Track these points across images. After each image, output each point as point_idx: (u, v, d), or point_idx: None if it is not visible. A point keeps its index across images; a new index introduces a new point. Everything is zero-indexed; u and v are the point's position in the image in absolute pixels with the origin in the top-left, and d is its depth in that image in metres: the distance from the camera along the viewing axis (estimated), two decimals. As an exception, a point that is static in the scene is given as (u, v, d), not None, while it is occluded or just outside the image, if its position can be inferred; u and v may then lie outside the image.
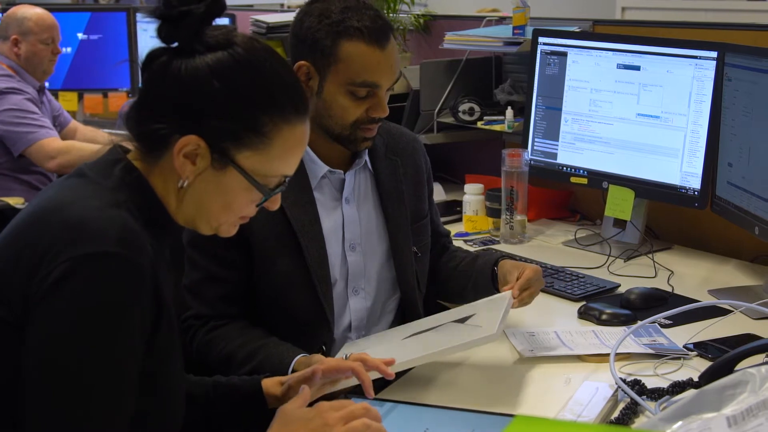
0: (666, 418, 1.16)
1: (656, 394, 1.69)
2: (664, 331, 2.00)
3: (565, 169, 2.76)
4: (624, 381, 1.71)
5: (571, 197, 3.04)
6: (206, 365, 1.83)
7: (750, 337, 1.95)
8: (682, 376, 1.74)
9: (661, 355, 1.87)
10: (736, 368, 1.56)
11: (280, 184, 1.40)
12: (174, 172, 1.34)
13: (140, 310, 1.26)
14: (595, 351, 1.89)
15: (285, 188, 1.41)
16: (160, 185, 1.37)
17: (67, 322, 1.21)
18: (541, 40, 2.80)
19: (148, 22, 1.36)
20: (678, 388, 1.69)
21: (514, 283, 1.93)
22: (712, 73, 2.42)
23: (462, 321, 1.85)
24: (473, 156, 3.37)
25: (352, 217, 1.99)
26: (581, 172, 2.72)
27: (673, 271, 2.45)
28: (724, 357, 1.61)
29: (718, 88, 2.40)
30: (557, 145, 2.77)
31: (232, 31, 1.37)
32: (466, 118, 3.12)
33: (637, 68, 2.58)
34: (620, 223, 2.67)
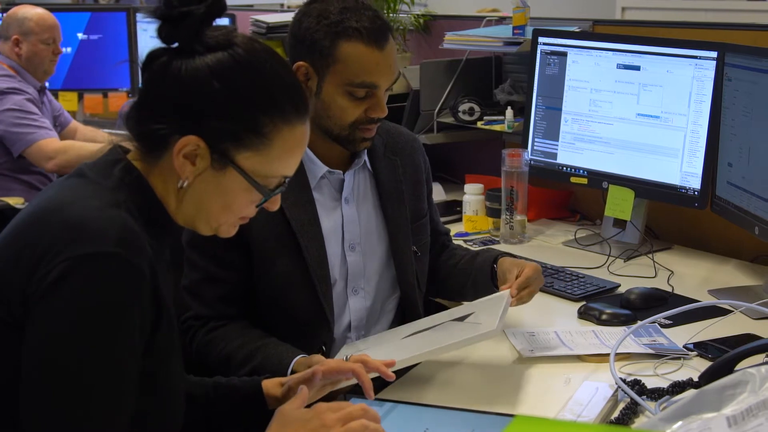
0: (666, 418, 1.16)
1: (656, 394, 1.69)
2: (664, 331, 2.00)
3: (565, 169, 2.76)
4: (624, 381, 1.71)
5: (571, 197, 3.04)
6: (206, 366, 1.83)
7: (750, 337, 1.95)
8: (682, 376, 1.74)
9: (661, 355, 1.87)
10: (736, 368, 1.56)
11: (279, 185, 1.40)
12: (174, 173, 1.35)
13: (140, 310, 1.27)
14: (595, 351, 1.89)
15: (285, 189, 1.41)
16: (160, 185, 1.37)
17: (66, 321, 1.21)
18: (541, 40, 2.80)
19: (148, 22, 1.36)
20: (678, 388, 1.69)
21: (513, 282, 1.93)
22: (712, 73, 2.42)
23: (461, 319, 1.85)
24: (473, 156, 3.37)
25: (351, 217, 1.99)
26: (581, 172, 2.72)
27: (673, 271, 2.45)
28: (724, 357, 1.61)
29: (718, 88, 2.40)
30: (557, 145, 2.77)
31: (232, 32, 1.37)
32: (466, 118, 3.12)
33: (637, 68, 2.58)
34: (620, 223, 2.67)
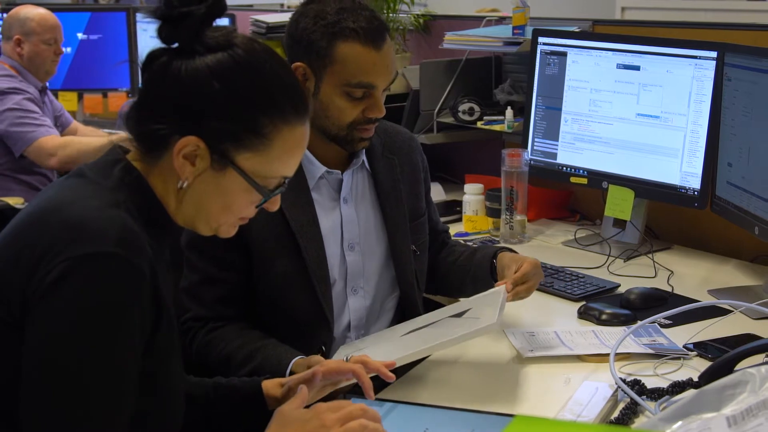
0: (666, 418, 1.16)
1: (656, 394, 1.69)
2: (664, 331, 2.00)
3: (565, 169, 2.76)
4: (624, 381, 1.71)
5: (571, 197, 3.04)
6: (206, 367, 1.83)
7: (750, 337, 1.95)
8: (681, 376, 1.74)
9: (660, 355, 1.87)
10: (736, 368, 1.56)
11: (279, 186, 1.40)
12: (174, 173, 1.34)
13: (139, 311, 1.26)
14: (595, 351, 1.89)
15: (285, 189, 1.41)
16: (160, 186, 1.37)
17: (66, 321, 1.21)
18: (541, 40, 2.80)
19: (148, 22, 1.36)
20: (678, 388, 1.69)
21: (509, 278, 1.93)
22: (712, 73, 2.42)
23: (459, 315, 1.85)
24: (473, 156, 3.37)
25: (350, 216, 1.99)
26: (581, 172, 2.72)
27: (673, 271, 2.45)
28: (724, 357, 1.61)
29: (718, 88, 2.40)
30: (557, 145, 2.77)
31: (232, 32, 1.37)
32: (466, 118, 3.12)
33: (637, 68, 2.58)
34: (620, 223, 2.67)
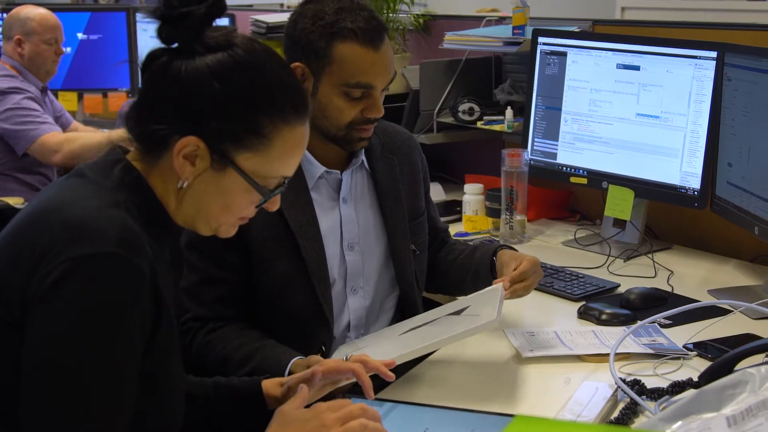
0: (666, 418, 1.16)
1: (656, 394, 1.69)
2: (664, 331, 2.00)
3: (564, 169, 2.76)
4: (624, 381, 1.71)
5: (571, 197, 3.04)
6: (205, 367, 1.83)
7: (750, 337, 1.95)
8: (681, 376, 1.74)
9: (660, 355, 1.87)
10: (736, 368, 1.56)
11: (279, 185, 1.40)
12: (174, 173, 1.34)
13: (140, 311, 1.26)
14: (595, 351, 1.89)
15: (284, 189, 1.41)
16: (160, 186, 1.37)
17: (66, 322, 1.21)
18: (541, 40, 2.80)
19: (148, 22, 1.36)
20: (678, 388, 1.69)
21: (508, 275, 1.93)
22: (712, 73, 2.42)
23: (458, 313, 1.85)
24: (473, 156, 3.37)
25: (349, 216, 1.99)
26: (581, 172, 2.72)
27: (673, 271, 2.45)
28: (724, 357, 1.61)
29: (718, 88, 2.40)
30: (557, 145, 2.77)
31: (232, 32, 1.37)
32: (466, 118, 3.12)
33: (637, 68, 2.58)
34: (620, 223, 2.67)
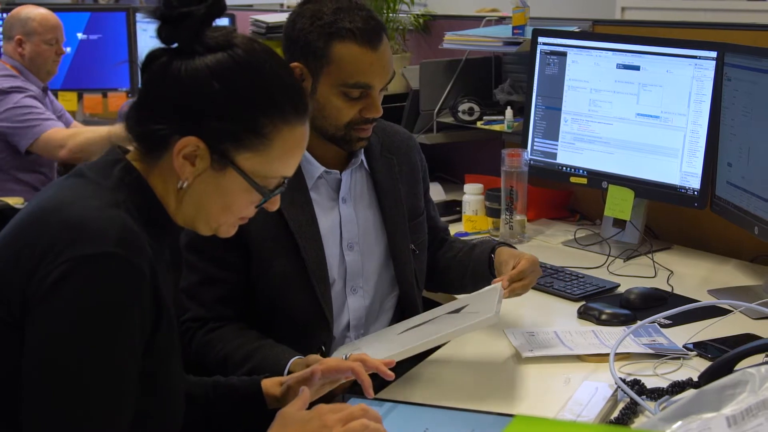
0: (666, 418, 1.16)
1: (656, 394, 1.69)
2: (664, 331, 2.00)
3: (564, 169, 2.76)
4: (623, 381, 1.71)
5: (571, 197, 3.04)
6: (204, 367, 1.83)
7: (749, 337, 1.95)
8: (681, 376, 1.75)
9: (660, 355, 1.87)
10: (736, 368, 1.56)
11: (279, 185, 1.40)
12: (173, 173, 1.34)
13: (140, 311, 1.27)
14: (595, 351, 1.89)
15: (284, 189, 1.42)
16: (160, 186, 1.37)
17: (66, 322, 1.21)
18: (541, 40, 2.80)
19: (148, 22, 1.36)
20: (678, 388, 1.69)
21: (506, 274, 1.93)
22: (712, 73, 2.42)
23: (457, 311, 1.85)
24: (473, 156, 3.37)
25: (349, 216, 1.99)
26: (581, 172, 2.72)
27: (673, 271, 2.45)
28: (724, 357, 1.61)
29: (718, 88, 2.40)
30: (557, 145, 2.77)
31: (231, 33, 1.37)
32: (466, 118, 3.12)
33: (637, 68, 2.58)
34: (620, 223, 2.67)
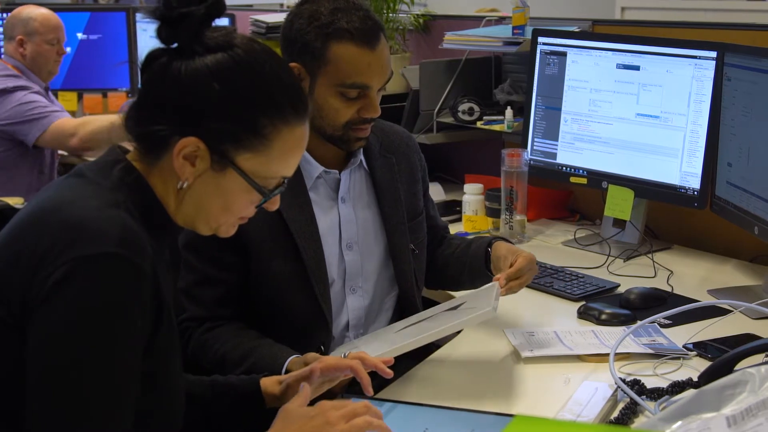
0: (665, 418, 1.16)
1: (656, 394, 1.69)
2: (664, 331, 2.00)
3: (564, 169, 2.76)
4: (623, 381, 1.71)
5: (571, 197, 3.04)
6: (202, 366, 1.83)
7: (749, 337, 1.95)
8: (681, 376, 1.75)
9: (660, 355, 1.87)
10: (736, 368, 1.56)
11: (279, 186, 1.40)
12: (173, 173, 1.35)
13: (140, 311, 1.27)
14: (595, 351, 1.89)
15: (284, 189, 1.42)
16: (160, 186, 1.37)
17: (68, 322, 1.21)
18: (541, 40, 2.80)
19: (148, 22, 1.36)
20: (677, 388, 1.69)
21: (504, 272, 1.93)
22: (712, 73, 2.42)
23: (455, 308, 1.86)
24: (473, 156, 3.37)
25: (348, 216, 1.99)
26: (581, 172, 2.72)
27: (673, 271, 2.45)
28: (724, 357, 1.61)
29: (718, 88, 2.40)
30: (557, 145, 2.77)
31: (231, 33, 1.37)
32: (466, 117, 3.12)
33: (637, 68, 2.58)
34: (620, 223, 2.67)
